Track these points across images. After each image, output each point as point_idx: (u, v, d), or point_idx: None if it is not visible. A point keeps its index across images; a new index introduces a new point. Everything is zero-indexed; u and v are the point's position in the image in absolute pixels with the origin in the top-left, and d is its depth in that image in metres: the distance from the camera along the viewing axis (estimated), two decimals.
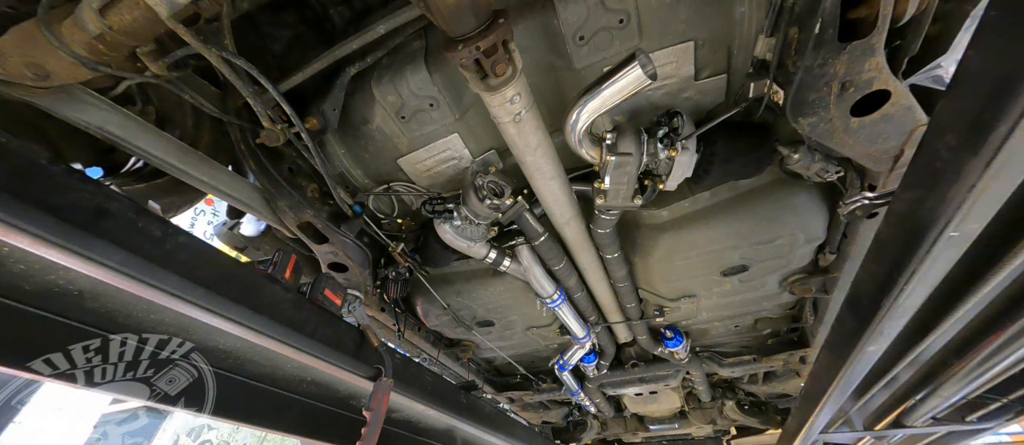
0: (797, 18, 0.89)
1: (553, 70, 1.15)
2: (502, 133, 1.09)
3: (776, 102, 1.01)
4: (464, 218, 1.44)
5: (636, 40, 1.07)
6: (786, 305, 2.17)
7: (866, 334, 1.18)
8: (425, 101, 1.19)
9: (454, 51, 0.83)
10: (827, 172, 1.22)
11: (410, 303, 2.09)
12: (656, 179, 1.28)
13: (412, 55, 1.14)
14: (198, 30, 0.83)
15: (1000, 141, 0.62)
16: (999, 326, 1.24)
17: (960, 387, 1.55)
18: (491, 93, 0.92)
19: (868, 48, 0.79)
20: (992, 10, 0.63)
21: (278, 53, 1.18)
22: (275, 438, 6.77)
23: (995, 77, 0.63)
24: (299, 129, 1.11)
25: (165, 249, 0.92)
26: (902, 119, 0.91)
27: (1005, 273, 0.94)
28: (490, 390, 2.89)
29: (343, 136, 1.36)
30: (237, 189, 1.26)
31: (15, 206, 0.72)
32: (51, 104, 0.88)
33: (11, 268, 0.84)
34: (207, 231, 5.93)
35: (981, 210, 0.73)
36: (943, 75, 0.92)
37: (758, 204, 1.46)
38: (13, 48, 0.79)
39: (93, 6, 0.75)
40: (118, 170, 1.26)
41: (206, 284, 0.99)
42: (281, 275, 1.22)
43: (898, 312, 1.06)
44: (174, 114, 1.20)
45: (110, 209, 0.84)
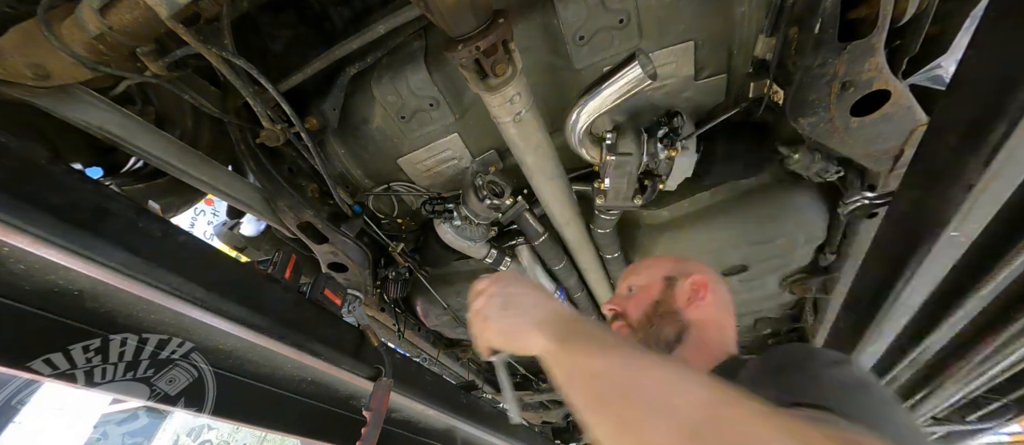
0: (797, 18, 0.89)
1: (553, 70, 1.14)
2: (502, 133, 1.09)
3: (776, 102, 1.01)
4: (464, 218, 1.44)
5: (636, 40, 1.07)
6: (786, 305, 2.17)
7: (866, 334, 1.18)
8: (425, 101, 1.19)
9: (454, 51, 0.83)
10: (827, 172, 1.22)
11: (410, 303, 2.09)
12: (656, 179, 1.28)
13: (412, 55, 1.13)
14: (198, 30, 0.83)
15: (1000, 141, 0.62)
16: (999, 326, 1.24)
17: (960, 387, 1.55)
18: (491, 93, 0.92)
19: (868, 48, 0.79)
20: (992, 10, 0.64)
21: (278, 53, 1.17)
22: (275, 438, 6.77)
23: (995, 77, 0.63)
24: (299, 129, 1.11)
25: (165, 249, 0.92)
26: (902, 119, 0.91)
27: (1005, 273, 0.94)
28: (490, 390, 2.89)
29: (343, 136, 1.36)
30: (237, 189, 1.26)
31: (15, 206, 0.72)
32: (51, 104, 0.88)
33: (11, 268, 0.84)
34: (207, 231, 5.93)
35: (981, 210, 0.73)
36: (943, 75, 0.92)
37: (758, 204, 1.46)
38: (13, 48, 0.79)
39: (93, 6, 0.75)
40: (118, 170, 1.26)
41: (206, 284, 0.99)
42: (281, 275, 1.22)
43: (898, 312, 1.06)
44: (174, 114, 1.20)
45: (110, 209, 0.84)
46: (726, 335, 0.85)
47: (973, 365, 1.39)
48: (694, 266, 0.93)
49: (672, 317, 0.85)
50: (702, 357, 0.78)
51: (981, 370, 1.42)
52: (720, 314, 0.87)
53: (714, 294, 0.87)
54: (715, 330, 0.84)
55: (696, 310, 0.85)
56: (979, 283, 0.98)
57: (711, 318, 0.85)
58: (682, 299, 0.86)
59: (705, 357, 0.78)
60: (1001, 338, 1.25)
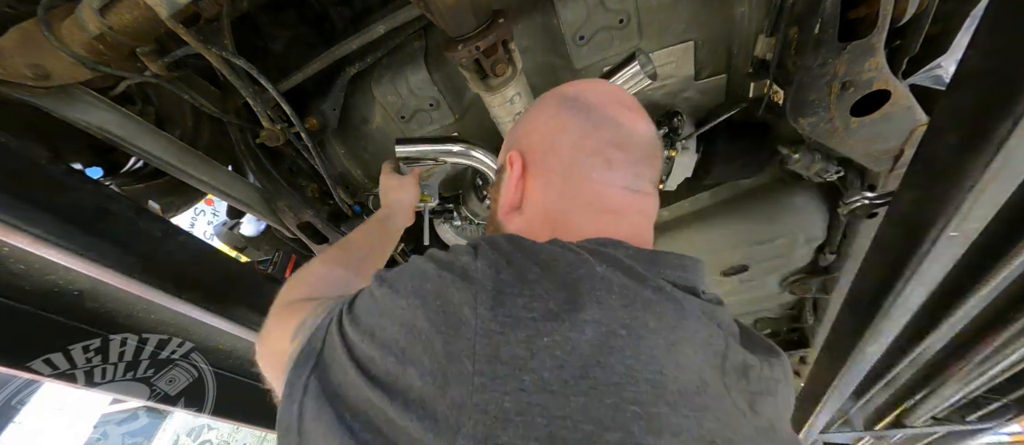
0: (797, 18, 0.89)
1: (553, 70, 1.14)
2: (502, 133, 1.09)
3: (776, 102, 1.01)
4: (464, 218, 1.44)
5: (636, 40, 1.07)
6: (786, 305, 2.17)
7: (866, 334, 1.18)
8: (425, 101, 1.19)
9: (454, 51, 0.83)
10: (827, 172, 1.22)
11: None
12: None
13: (412, 55, 1.13)
14: (198, 30, 0.83)
15: (1000, 141, 0.62)
16: (999, 326, 1.24)
17: (960, 387, 1.55)
18: (491, 93, 0.92)
19: (868, 48, 0.79)
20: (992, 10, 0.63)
21: (278, 53, 1.17)
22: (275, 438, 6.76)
23: (995, 77, 0.63)
24: (299, 129, 1.11)
25: (165, 249, 0.92)
26: (902, 119, 0.91)
27: (1005, 273, 0.94)
28: None
29: (343, 136, 1.36)
30: (237, 189, 1.26)
31: (15, 206, 0.72)
32: (51, 104, 0.88)
33: (11, 268, 0.84)
34: (207, 231, 5.93)
35: (981, 210, 0.73)
36: (943, 75, 0.92)
37: (758, 204, 1.46)
38: (13, 48, 0.79)
39: (93, 6, 0.75)
40: (118, 170, 1.26)
41: (206, 284, 0.99)
42: (281, 275, 1.23)
43: (898, 312, 1.06)
44: (174, 114, 1.20)
45: (110, 209, 0.85)
46: (571, 223, 0.53)
47: (973, 365, 1.39)
48: (526, 119, 0.63)
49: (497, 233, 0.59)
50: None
51: (981, 370, 1.42)
52: (553, 194, 0.55)
53: (541, 166, 0.57)
54: (546, 229, 0.54)
55: (516, 220, 0.58)
56: (979, 283, 0.98)
57: (537, 217, 0.56)
58: (502, 204, 0.59)
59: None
60: (1001, 338, 1.25)
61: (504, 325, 0.34)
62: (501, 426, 0.30)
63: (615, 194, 0.54)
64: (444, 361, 0.33)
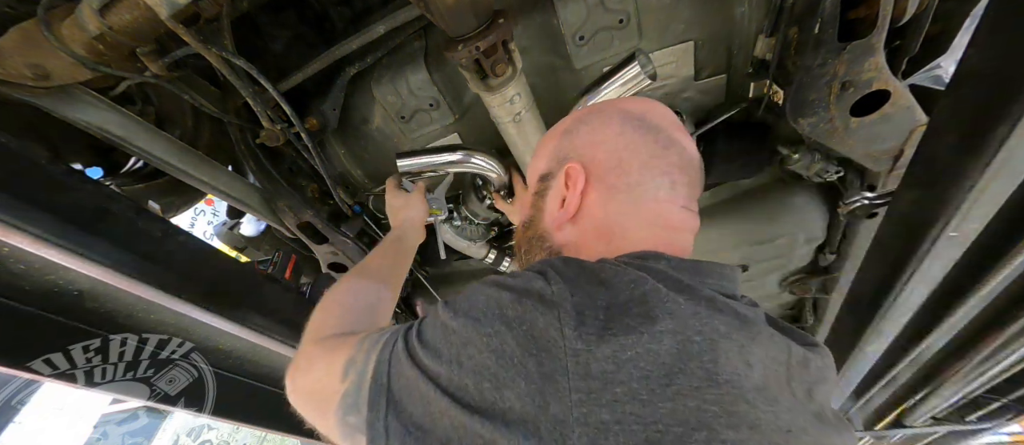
0: (797, 18, 0.89)
1: (553, 70, 1.14)
2: (502, 133, 1.09)
3: (776, 102, 1.01)
4: (464, 218, 1.44)
5: (636, 40, 1.07)
6: (786, 305, 2.17)
7: (866, 334, 1.18)
8: (425, 101, 1.19)
9: (454, 51, 0.83)
10: (827, 172, 1.22)
11: (410, 303, 2.09)
12: None
13: (412, 55, 1.14)
14: (198, 30, 0.83)
15: (1000, 141, 0.62)
16: (999, 326, 1.24)
17: (960, 387, 1.55)
18: (491, 93, 0.92)
19: (868, 48, 0.79)
20: (992, 10, 0.64)
21: (278, 53, 1.17)
22: (275, 438, 6.77)
23: (995, 77, 0.63)
24: (299, 129, 1.11)
25: (165, 249, 0.92)
26: (902, 119, 0.91)
27: (1005, 273, 0.94)
28: None
29: (343, 136, 1.36)
30: (237, 189, 1.26)
31: (15, 206, 0.72)
32: (51, 104, 0.88)
33: (11, 268, 0.84)
34: (207, 231, 5.93)
35: (981, 210, 0.73)
36: (943, 75, 0.92)
37: (758, 204, 1.46)
38: (13, 48, 0.79)
39: (93, 6, 0.75)
40: (118, 170, 1.26)
41: (206, 284, 0.99)
42: (281, 275, 1.23)
43: (898, 312, 1.06)
44: (174, 114, 1.20)
45: (110, 209, 0.85)
46: (629, 237, 0.55)
47: (973, 365, 1.39)
48: (587, 132, 0.62)
49: (541, 243, 0.61)
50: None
51: (981, 370, 1.42)
52: (614, 209, 0.56)
53: (605, 181, 0.57)
54: (600, 243, 0.56)
55: (568, 229, 0.59)
56: (979, 283, 0.98)
57: (591, 229, 0.57)
58: (552, 212, 0.60)
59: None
60: (1001, 338, 1.25)
61: (590, 343, 0.36)
62: (603, 436, 0.34)
63: (675, 213, 0.58)
64: (540, 381, 0.36)
